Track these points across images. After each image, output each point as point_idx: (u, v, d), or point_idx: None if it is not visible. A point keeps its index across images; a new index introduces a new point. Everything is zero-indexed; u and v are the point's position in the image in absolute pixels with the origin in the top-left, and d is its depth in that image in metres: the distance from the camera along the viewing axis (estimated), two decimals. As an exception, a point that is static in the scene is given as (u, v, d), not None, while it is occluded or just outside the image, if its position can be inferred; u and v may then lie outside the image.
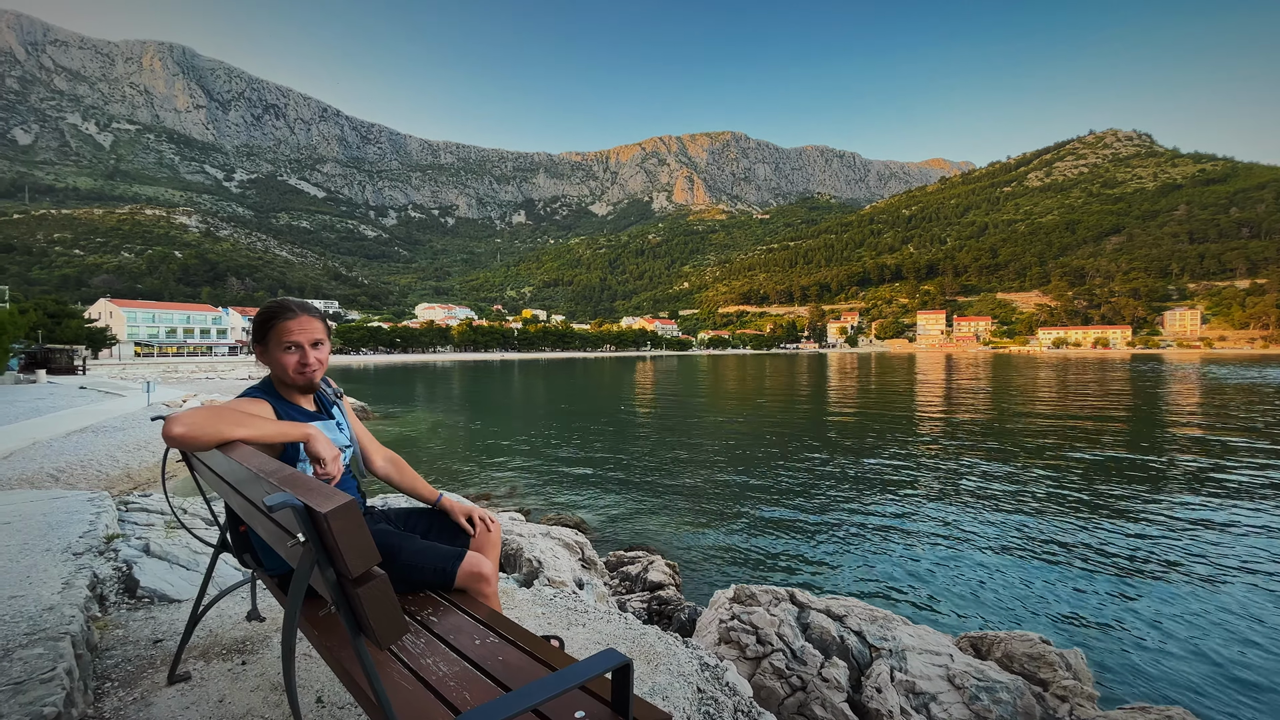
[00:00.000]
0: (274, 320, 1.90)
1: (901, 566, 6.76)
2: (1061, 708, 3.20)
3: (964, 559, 6.94)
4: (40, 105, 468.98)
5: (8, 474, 8.54)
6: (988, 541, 7.52)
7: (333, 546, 1.11)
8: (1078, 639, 5.03)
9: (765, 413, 23.32)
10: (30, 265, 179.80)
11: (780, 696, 3.21)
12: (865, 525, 8.28)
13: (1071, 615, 5.53)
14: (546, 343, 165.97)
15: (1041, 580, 6.32)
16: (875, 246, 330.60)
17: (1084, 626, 5.31)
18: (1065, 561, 6.82)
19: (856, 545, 7.49)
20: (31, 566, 2.85)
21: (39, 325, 48.20)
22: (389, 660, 1.46)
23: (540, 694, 1.05)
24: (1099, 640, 5.05)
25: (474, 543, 2.07)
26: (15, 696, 1.78)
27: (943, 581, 6.32)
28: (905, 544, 7.49)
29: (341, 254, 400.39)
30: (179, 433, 1.56)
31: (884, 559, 7.01)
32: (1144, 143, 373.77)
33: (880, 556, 7.09)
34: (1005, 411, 22.41)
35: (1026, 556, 6.99)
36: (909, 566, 6.75)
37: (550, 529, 5.92)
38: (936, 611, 5.66)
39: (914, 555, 7.09)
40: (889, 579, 6.43)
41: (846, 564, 6.91)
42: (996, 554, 7.09)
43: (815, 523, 8.47)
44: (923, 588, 6.19)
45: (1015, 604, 5.79)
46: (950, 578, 6.41)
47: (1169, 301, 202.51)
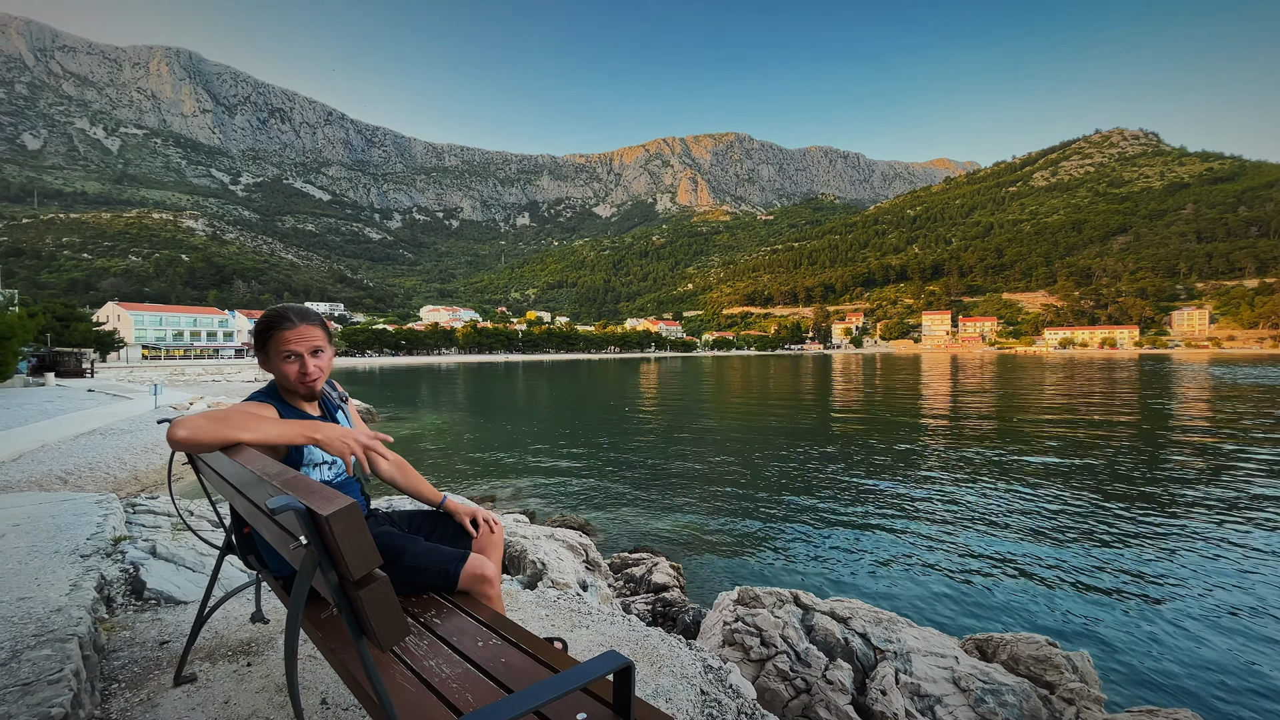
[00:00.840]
0: (273, 330, 1.91)
1: (906, 568, 6.73)
2: (1068, 711, 3.17)
3: (969, 561, 6.90)
4: (49, 110, 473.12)
5: (16, 476, 8.61)
6: (993, 543, 7.48)
7: (334, 549, 1.12)
8: (1084, 641, 4.99)
9: (770, 414, 23.27)
10: (39, 269, 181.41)
11: (784, 699, 3.20)
12: (870, 527, 8.26)
13: (1078, 617, 5.49)
14: (551, 344, 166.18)
15: (1048, 582, 6.27)
16: (880, 247, 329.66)
17: (1091, 628, 5.27)
18: (1072, 563, 6.77)
19: (861, 547, 7.47)
20: (40, 568, 2.88)
21: (48, 328, 48.60)
22: (392, 662, 1.46)
23: (542, 696, 1.06)
24: (1106, 642, 5.01)
25: (477, 544, 2.08)
26: (23, 697, 1.80)
27: (948, 583, 6.29)
28: (910, 546, 7.46)
29: (347, 257, 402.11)
30: (183, 436, 1.60)
31: (889, 561, 6.98)
32: (1151, 141, 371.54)
33: (885, 558, 7.06)
34: (1012, 413, 22.30)
35: (1032, 558, 6.95)
36: (914, 568, 6.72)
37: (554, 531, 5.93)
38: (941, 613, 5.63)
39: (919, 557, 7.06)
40: (893, 581, 6.40)
41: (851, 566, 6.88)
42: (1002, 555, 7.05)
43: (819, 525, 8.45)
44: (927, 590, 6.16)
45: (1021, 606, 5.75)
46: (955, 579, 6.38)
47: (1177, 301, 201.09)
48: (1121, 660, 4.74)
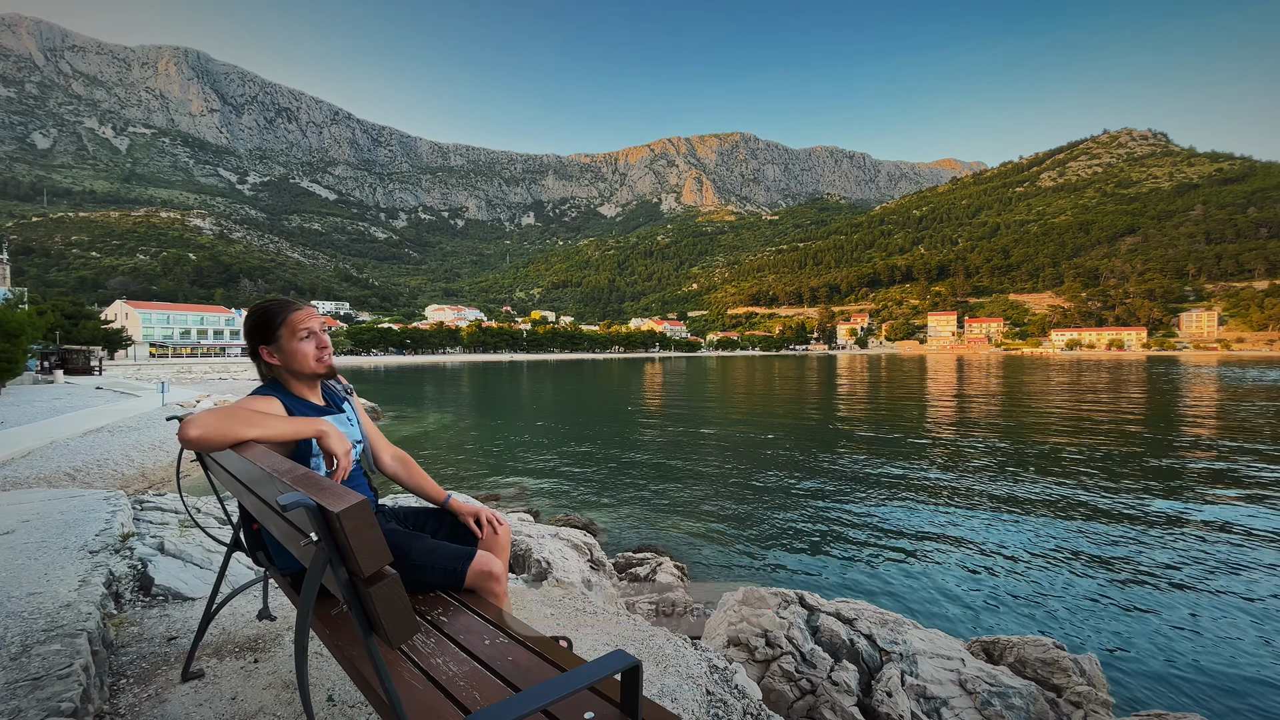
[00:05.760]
0: (283, 313, 1.94)
1: (912, 569, 6.70)
2: (1075, 714, 3.15)
3: (975, 562, 6.87)
4: (58, 110, 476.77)
5: (26, 473, 8.69)
6: (1000, 544, 7.44)
7: (345, 546, 1.12)
8: (1092, 644, 4.96)
9: (774, 415, 23.23)
10: (48, 267, 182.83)
11: (790, 700, 3.19)
12: (875, 528, 8.23)
13: (1086, 619, 5.45)
14: (555, 344, 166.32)
15: (1055, 584, 6.24)
16: (885, 247, 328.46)
17: (1098, 631, 5.24)
18: (1079, 565, 6.73)
19: (866, 548, 7.44)
20: (49, 564, 2.90)
21: (57, 326, 48.94)
22: (399, 659, 1.46)
23: (550, 694, 1.06)
24: (1114, 645, 4.98)
25: (482, 544, 2.07)
26: (34, 692, 1.81)
27: (954, 585, 6.26)
28: (916, 547, 7.43)
29: (352, 256, 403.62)
30: (195, 435, 1.59)
31: (894, 562, 6.95)
32: (1159, 142, 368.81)
33: (891, 559, 7.04)
34: (1018, 415, 22.19)
35: (1039, 560, 6.91)
36: (920, 569, 6.69)
37: (559, 530, 5.94)
38: (948, 615, 5.60)
39: (925, 558, 7.03)
40: (900, 582, 6.38)
41: (856, 567, 6.86)
42: (1009, 557, 7.01)
43: (825, 525, 8.43)
44: (934, 591, 6.13)
45: (1028, 608, 5.72)
46: (962, 581, 6.35)
47: (1185, 303, 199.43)
48: (1129, 663, 4.70)
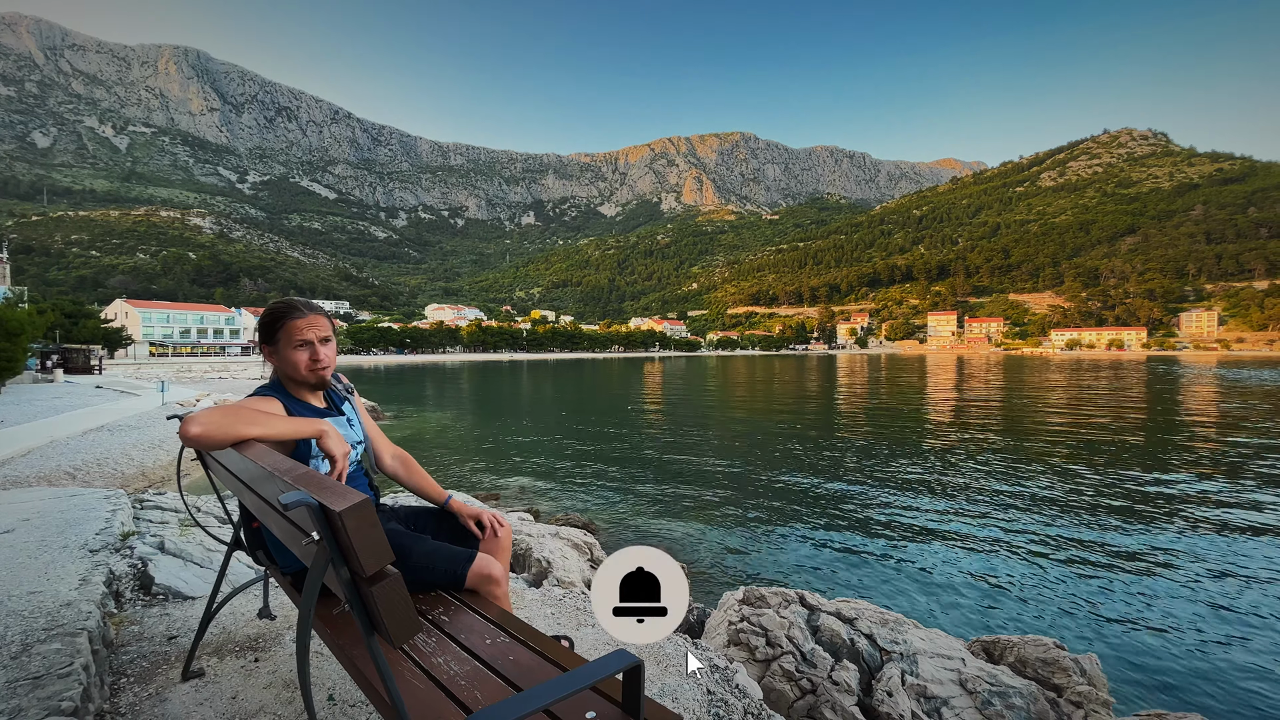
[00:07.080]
0: (283, 319, 1.91)
1: (913, 569, 6.70)
2: (1076, 714, 3.15)
3: (976, 562, 6.87)
4: (58, 109, 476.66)
5: (26, 471, 8.68)
6: (1000, 544, 7.44)
7: (347, 545, 1.12)
8: (1093, 644, 4.96)
9: (774, 414, 23.23)
10: (48, 266, 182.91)
11: (790, 699, 3.19)
12: (876, 527, 8.22)
13: (1086, 619, 5.45)
14: (555, 343, 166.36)
15: (1056, 584, 6.24)
16: (885, 247, 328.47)
17: (1099, 631, 5.24)
18: (1080, 565, 6.73)
19: (867, 547, 7.44)
20: (49, 563, 2.89)
21: (57, 325, 48.96)
22: (400, 659, 1.46)
23: (551, 694, 1.05)
24: (1115, 645, 4.98)
25: (483, 546, 2.06)
26: (34, 691, 1.81)
27: (955, 584, 6.26)
28: (917, 546, 7.43)
29: (352, 255, 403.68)
30: (196, 433, 1.59)
31: (895, 561, 6.95)
32: (1159, 142, 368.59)
33: (891, 559, 7.03)
34: (1018, 415, 22.19)
35: (1040, 560, 6.91)
36: (920, 569, 6.69)
37: (559, 529, 5.94)
38: (948, 615, 5.60)
39: (925, 558, 7.03)
40: (900, 581, 6.38)
41: (857, 566, 6.86)
42: (1009, 557, 7.01)
43: (825, 525, 8.42)
44: (934, 590, 6.13)
45: (1029, 608, 5.72)
46: (962, 581, 6.35)
47: (1185, 303, 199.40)
48: (1130, 663, 4.70)
